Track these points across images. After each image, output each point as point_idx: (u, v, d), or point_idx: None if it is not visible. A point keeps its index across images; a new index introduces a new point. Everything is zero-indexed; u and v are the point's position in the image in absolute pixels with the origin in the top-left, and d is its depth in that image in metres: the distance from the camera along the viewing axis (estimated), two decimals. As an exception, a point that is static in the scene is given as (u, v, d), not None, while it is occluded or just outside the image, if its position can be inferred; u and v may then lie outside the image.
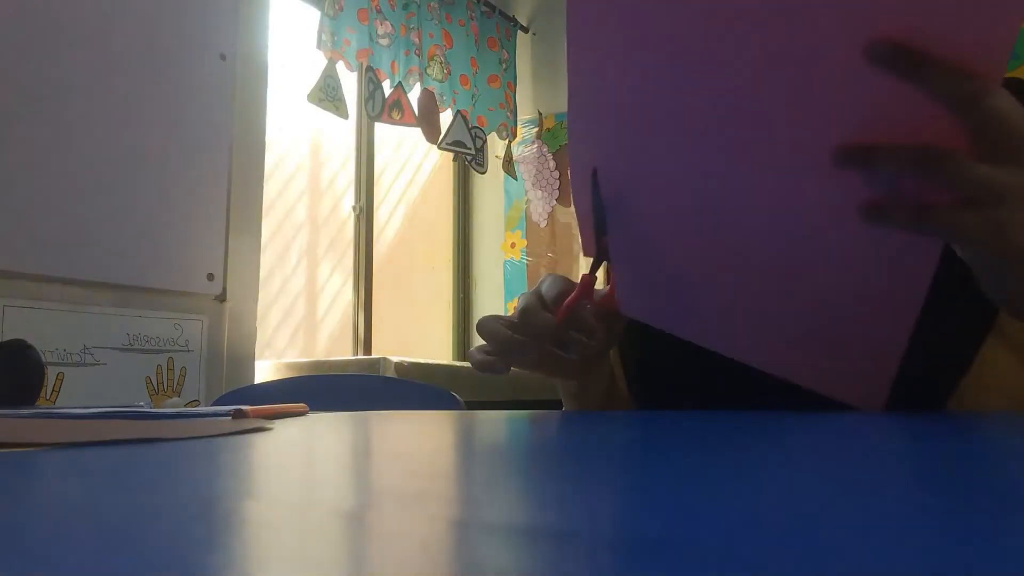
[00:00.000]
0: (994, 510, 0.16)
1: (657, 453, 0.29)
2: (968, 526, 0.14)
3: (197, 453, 0.31)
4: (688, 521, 0.15)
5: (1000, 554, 0.12)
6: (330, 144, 2.82)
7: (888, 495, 0.18)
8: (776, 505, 0.17)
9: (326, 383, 1.30)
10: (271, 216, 2.49)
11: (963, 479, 0.21)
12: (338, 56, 2.46)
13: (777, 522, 0.15)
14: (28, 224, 1.66)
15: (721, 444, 0.32)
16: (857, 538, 0.13)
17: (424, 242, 3.22)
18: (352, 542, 0.15)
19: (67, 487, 0.22)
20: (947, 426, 0.40)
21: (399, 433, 0.44)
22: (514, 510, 0.18)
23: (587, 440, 0.36)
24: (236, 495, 0.20)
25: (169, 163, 1.92)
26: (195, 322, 1.97)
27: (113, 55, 1.83)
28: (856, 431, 0.37)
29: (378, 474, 0.25)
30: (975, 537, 0.13)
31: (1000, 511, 0.16)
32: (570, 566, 0.12)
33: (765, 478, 0.21)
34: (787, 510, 0.16)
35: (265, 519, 0.17)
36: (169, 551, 0.13)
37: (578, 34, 0.42)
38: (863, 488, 0.19)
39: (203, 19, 2.03)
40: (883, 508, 0.16)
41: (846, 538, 0.13)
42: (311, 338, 2.68)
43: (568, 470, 0.25)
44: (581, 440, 0.37)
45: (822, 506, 0.17)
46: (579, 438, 0.38)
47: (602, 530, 0.15)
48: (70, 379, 1.71)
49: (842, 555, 0.12)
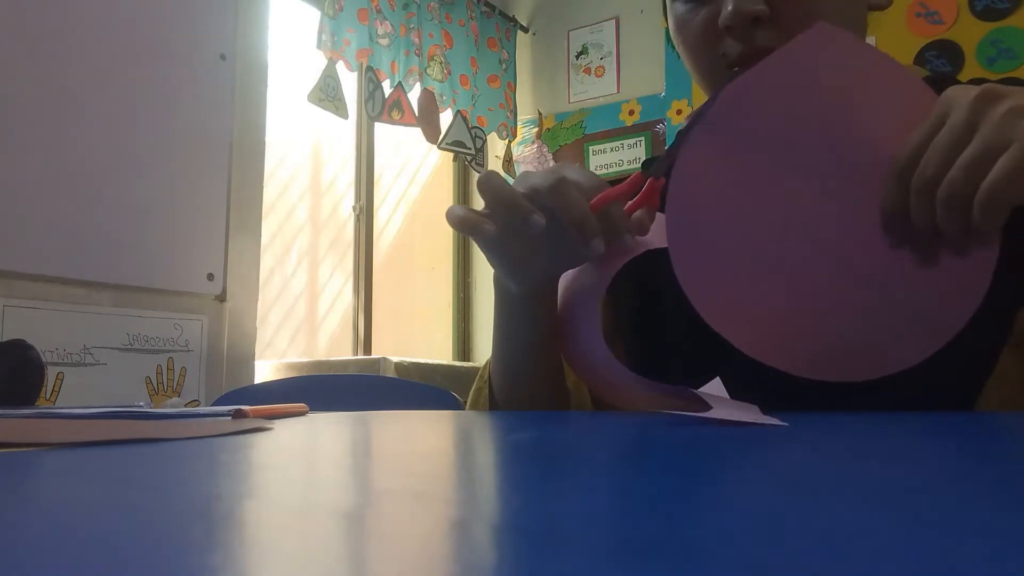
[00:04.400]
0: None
1: (657, 454, 0.29)
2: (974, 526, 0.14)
3: (197, 453, 0.31)
4: (689, 523, 0.15)
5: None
6: (331, 145, 2.82)
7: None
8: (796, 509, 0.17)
9: (326, 383, 1.30)
10: (272, 217, 2.49)
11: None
12: (338, 56, 2.46)
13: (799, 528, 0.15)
14: (28, 224, 1.66)
15: (725, 442, 0.32)
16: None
17: (424, 242, 3.22)
18: (352, 542, 0.15)
19: (67, 487, 0.22)
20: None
21: (399, 433, 0.44)
22: (514, 510, 0.18)
23: (588, 440, 0.36)
24: (235, 495, 0.20)
25: (169, 163, 1.92)
26: (195, 322, 1.97)
27: (113, 55, 1.83)
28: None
29: (378, 474, 0.25)
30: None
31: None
32: (571, 566, 0.12)
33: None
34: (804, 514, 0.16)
35: (264, 519, 0.17)
36: (169, 551, 0.13)
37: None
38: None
39: (203, 19, 2.03)
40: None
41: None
42: (312, 338, 2.68)
43: (568, 470, 0.25)
44: (581, 440, 0.37)
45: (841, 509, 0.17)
46: (580, 438, 0.38)
47: (602, 531, 0.15)
48: (70, 379, 1.71)
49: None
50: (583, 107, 3.09)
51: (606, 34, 3.08)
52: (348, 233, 2.85)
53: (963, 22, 2.37)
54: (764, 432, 0.36)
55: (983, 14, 2.35)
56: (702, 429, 0.38)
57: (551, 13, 3.22)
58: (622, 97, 3.02)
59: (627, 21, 3.04)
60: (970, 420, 0.44)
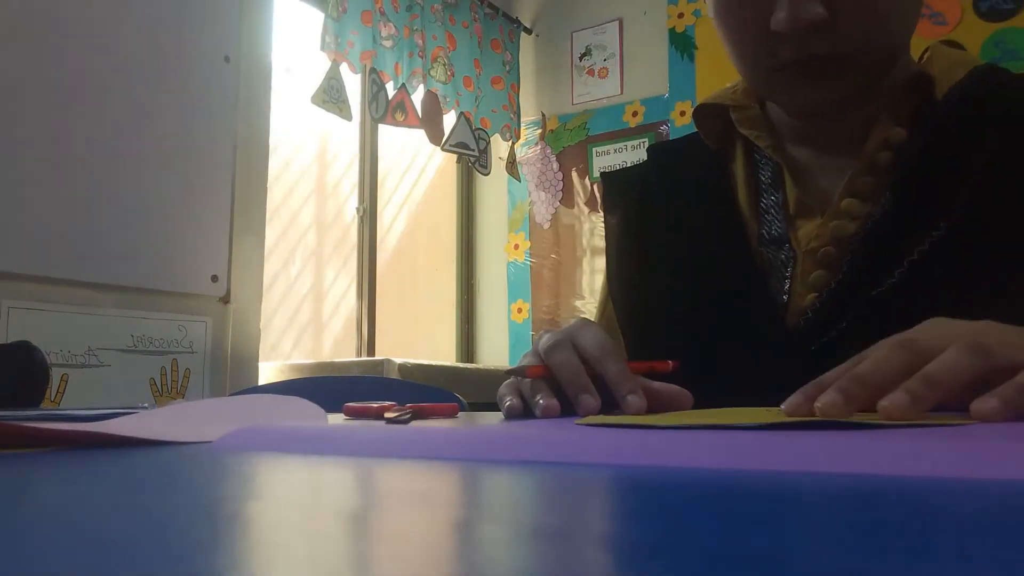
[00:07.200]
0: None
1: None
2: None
3: (201, 455, 0.31)
4: (689, 524, 0.15)
5: None
6: (335, 147, 2.83)
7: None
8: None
9: (330, 384, 1.30)
10: (277, 219, 2.49)
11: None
12: (342, 58, 2.46)
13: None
14: (33, 226, 1.66)
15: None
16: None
17: (428, 244, 3.22)
18: (354, 543, 0.15)
19: (72, 488, 0.22)
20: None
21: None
22: (515, 510, 0.18)
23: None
24: (239, 497, 0.21)
25: (173, 165, 1.92)
26: (199, 324, 1.97)
27: (117, 57, 1.83)
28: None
29: (379, 474, 0.25)
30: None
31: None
32: (570, 567, 0.12)
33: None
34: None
35: (269, 520, 0.17)
36: (173, 552, 0.13)
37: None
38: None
39: (207, 21, 2.03)
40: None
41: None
42: (316, 340, 2.69)
43: (569, 469, 0.25)
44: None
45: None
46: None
47: (602, 532, 0.15)
48: (75, 380, 1.71)
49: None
50: (587, 109, 3.09)
51: (609, 36, 3.08)
52: (352, 235, 2.85)
53: (967, 23, 2.37)
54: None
55: (987, 15, 2.35)
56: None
57: (554, 15, 3.22)
58: (625, 99, 3.02)
59: (631, 22, 3.04)
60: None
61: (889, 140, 0.62)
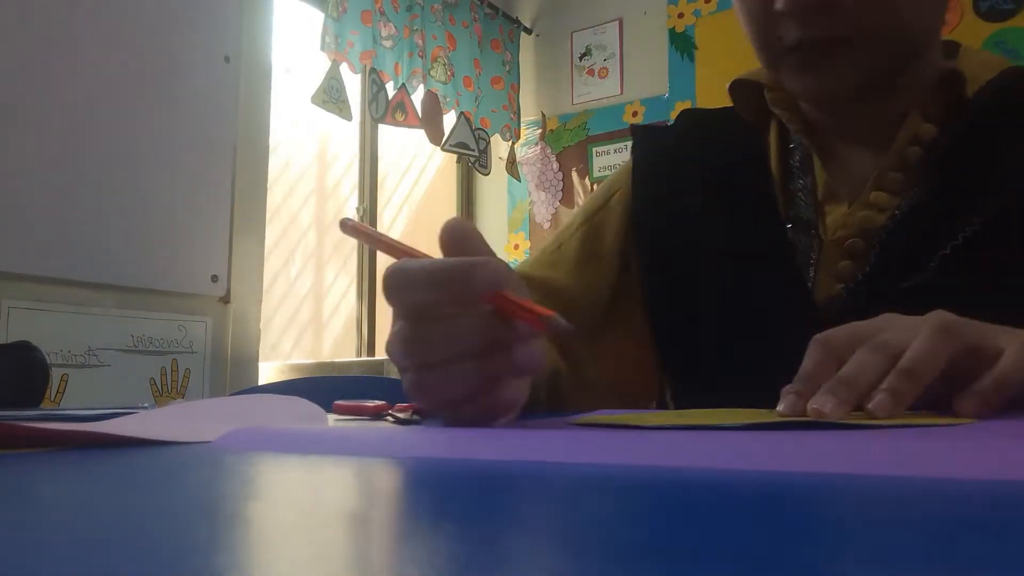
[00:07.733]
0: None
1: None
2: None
3: (200, 455, 0.31)
4: (691, 526, 0.15)
5: None
6: (335, 147, 2.83)
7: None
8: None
9: (330, 384, 1.30)
10: (277, 219, 2.49)
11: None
12: (342, 58, 2.46)
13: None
14: (33, 226, 1.66)
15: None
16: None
17: (428, 244, 3.16)
18: (354, 543, 0.15)
19: (72, 488, 0.22)
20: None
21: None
22: (515, 510, 0.18)
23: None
24: (239, 497, 0.21)
25: (173, 164, 1.92)
26: (199, 324, 1.97)
27: (118, 57, 1.83)
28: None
29: (380, 475, 0.25)
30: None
31: None
32: (566, 567, 0.12)
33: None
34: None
35: (268, 520, 0.17)
36: (172, 552, 0.13)
37: None
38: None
39: (207, 21, 2.03)
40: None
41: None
42: (316, 340, 2.69)
43: (569, 469, 0.25)
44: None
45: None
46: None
47: (603, 533, 0.15)
48: (74, 380, 1.71)
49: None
50: (586, 109, 3.09)
51: (609, 36, 3.08)
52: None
53: (967, 23, 2.37)
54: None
55: (987, 15, 2.35)
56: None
57: (554, 15, 3.22)
58: (625, 99, 3.02)
59: (630, 23, 3.04)
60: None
61: (919, 136, 0.62)
